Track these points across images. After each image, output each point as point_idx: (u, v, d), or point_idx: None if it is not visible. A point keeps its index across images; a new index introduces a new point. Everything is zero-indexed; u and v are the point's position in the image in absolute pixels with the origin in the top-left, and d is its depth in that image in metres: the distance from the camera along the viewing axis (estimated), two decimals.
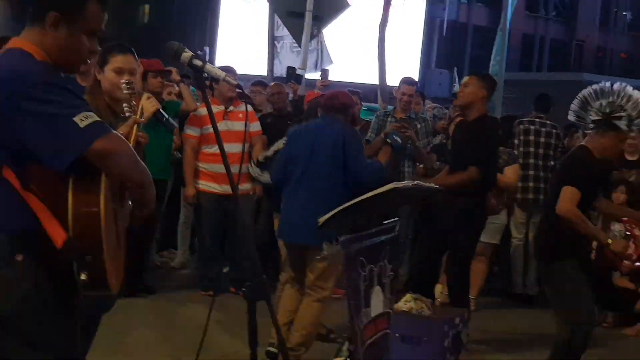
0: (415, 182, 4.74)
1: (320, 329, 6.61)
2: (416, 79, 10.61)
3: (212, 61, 5.33)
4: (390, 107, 9.92)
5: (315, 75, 13.88)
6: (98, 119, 2.89)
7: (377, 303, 4.41)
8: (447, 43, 42.69)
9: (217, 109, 8.12)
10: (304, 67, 12.24)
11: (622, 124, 5.54)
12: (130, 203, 3.29)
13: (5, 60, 2.99)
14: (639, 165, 8.99)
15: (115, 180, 3.03)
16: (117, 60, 4.57)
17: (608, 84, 5.75)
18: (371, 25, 25.62)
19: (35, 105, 2.83)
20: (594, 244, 8.66)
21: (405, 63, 30.57)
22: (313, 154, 6.34)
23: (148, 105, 4.54)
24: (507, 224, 9.42)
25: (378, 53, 24.06)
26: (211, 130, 7.71)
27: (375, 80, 24.04)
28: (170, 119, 4.83)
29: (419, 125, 9.11)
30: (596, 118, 5.59)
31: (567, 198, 5.42)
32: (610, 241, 5.60)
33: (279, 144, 7.12)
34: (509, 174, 8.94)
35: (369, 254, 4.28)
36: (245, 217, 8.03)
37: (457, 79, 18.92)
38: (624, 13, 50.59)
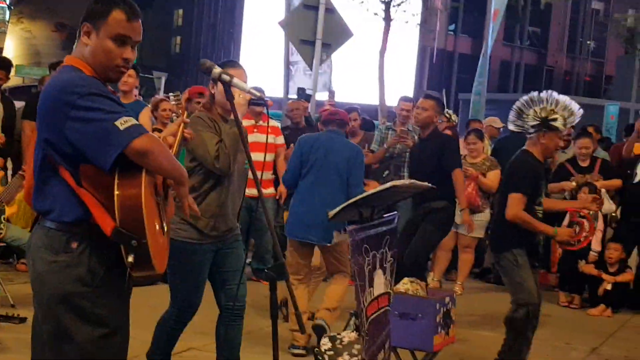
0: (412, 181, 4.78)
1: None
2: None
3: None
4: (389, 123, 9.94)
5: (324, 95, 13.92)
6: (137, 122, 2.90)
7: (378, 284, 4.42)
8: (436, 68, 42.76)
9: (248, 122, 8.15)
10: (314, 88, 12.28)
11: (559, 124, 5.56)
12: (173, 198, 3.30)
13: (59, 75, 3.04)
14: (590, 170, 8.99)
15: (156, 176, 3.04)
16: (231, 73, 4.51)
17: (536, 93, 5.72)
18: (372, 53, 25.71)
19: (84, 113, 2.85)
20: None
21: (401, 85, 30.60)
22: (325, 163, 6.29)
23: (240, 100, 4.40)
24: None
25: (378, 76, 24.14)
26: None
27: (375, 100, 24.12)
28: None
29: (415, 137, 9.14)
30: (535, 123, 5.59)
31: (514, 204, 5.46)
32: (555, 232, 5.61)
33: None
34: (492, 177, 9.00)
35: (372, 242, 4.30)
36: (268, 215, 8.09)
37: (445, 100, 18.92)
38: (588, 42, 50.55)
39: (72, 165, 2.93)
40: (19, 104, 9.06)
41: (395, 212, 4.90)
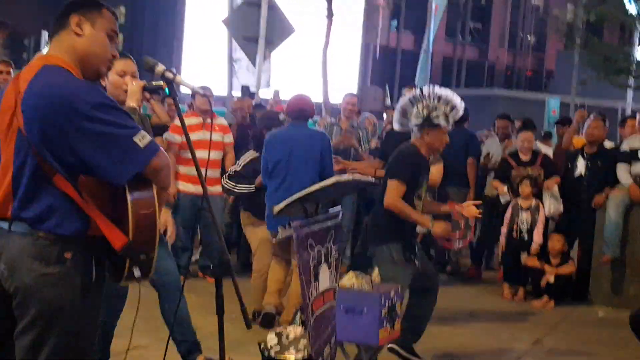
0: (354, 176, 4.82)
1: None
2: None
3: (178, 91, 5.40)
4: (333, 119, 9.99)
5: (266, 91, 13.91)
6: (151, 138, 2.86)
7: (324, 279, 4.46)
8: (379, 64, 42.98)
9: (197, 120, 8.14)
10: (257, 85, 12.29)
11: (441, 121, 5.67)
12: None
13: (50, 76, 2.86)
14: (532, 163, 9.13)
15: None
16: (120, 64, 4.48)
17: (418, 90, 5.84)
18: (315, 50, 25.73)
19: (98, 125, 2.76)
20: (503, 229, 8.89)
21: (345, 81, 30.69)
22: (292, 156, 6.54)
23: (134, 87, 4.42)
24: None
25: (322, 73, 24.17)
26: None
27: (319, 97, 24.12)
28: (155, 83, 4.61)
29: (360, 133, 9.20)
30: (417, 122, 5.71)
31: (392, 191, 5.57)
32: (431, 225, 5.63)
33: (246, 158, 7.16)
34: (434, 171, 9.07)
35: (317, 237, 4.33)
36: (215, 213, 8.14)
37: (389, 94, 19.07)
38: (528, 37, 51.28)
39: (72, 175, 2.83)
40: None
41: (340, 206, 4.94)
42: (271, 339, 4.52)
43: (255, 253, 7.33)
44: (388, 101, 16.52)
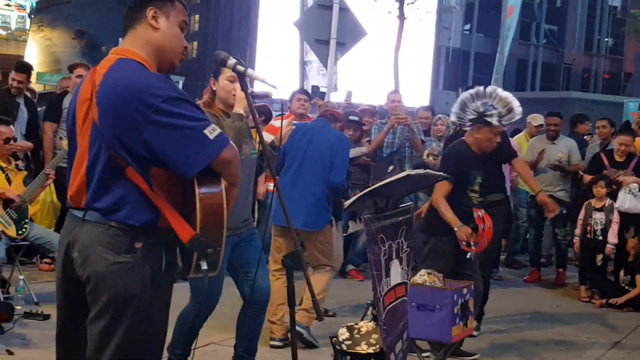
0: (426, 170, 4.81)
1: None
2: (427, 99, 10.75)
3: (251, 85, 5.35)
4: (383, 120, 9.92)
5: (334, 94, 13.91)
6: (221, 130, 2.88)
7: (395, 274, 4.45)
8: (452, 68, 42.75)
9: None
10: (329, 87, 12.30)
11: (494, 120, 5.85)
12: None
13: (124, 70, 2.91)
14: (625, 166, 8.95)
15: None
16: (230, 71, 4.45)
17: (482, 88, 6.01)
18: (388, 53, 25.73)
19: (169, 118, 2.78)
20: (577, 231, 8.77)
21: (417, 85, 30.60)
22: (309, 149, 6.34)
23: (242, 93, 4.39)
24: None
25: (393, 75, 24.15)
26: None
27: None
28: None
29: (414, 126, 9.11)
30: (472, 117, 5.91)
31: (436, 190, 5.82)
32: (457, 228, 5.73)
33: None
34: None
35: (388, 232, 4.32)
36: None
37: None
38: (605, 39, 50.36)
39: (143, 167, 2.86)
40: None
41: (411, 202, 4.92)
42: (343, 332, 4.53)
43: (275, 249, 7.31)
44: None
